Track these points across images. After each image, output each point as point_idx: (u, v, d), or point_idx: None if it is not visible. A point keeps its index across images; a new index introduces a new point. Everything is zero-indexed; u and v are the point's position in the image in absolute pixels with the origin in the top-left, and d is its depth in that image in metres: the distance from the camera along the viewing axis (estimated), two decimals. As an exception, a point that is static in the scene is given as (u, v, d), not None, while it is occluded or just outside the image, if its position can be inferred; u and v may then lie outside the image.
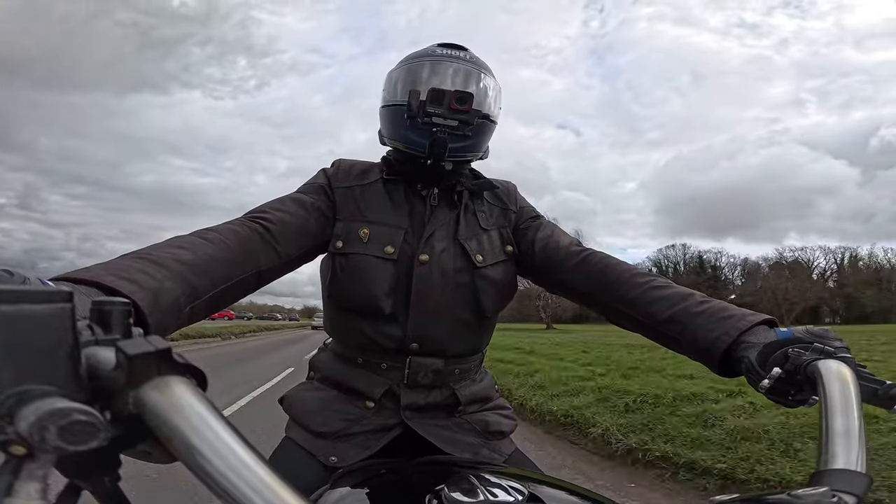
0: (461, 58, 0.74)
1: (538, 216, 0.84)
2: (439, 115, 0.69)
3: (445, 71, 0.73)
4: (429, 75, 0.73)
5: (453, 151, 0.72)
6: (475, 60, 0.76)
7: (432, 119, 0.69)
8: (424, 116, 0.69)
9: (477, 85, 0.74)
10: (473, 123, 0.71)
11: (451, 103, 0.69)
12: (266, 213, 0.67)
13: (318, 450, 0.70)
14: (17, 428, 0.20)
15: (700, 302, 0.61)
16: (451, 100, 0.69)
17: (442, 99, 0.69)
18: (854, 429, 0.38)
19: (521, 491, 0.44)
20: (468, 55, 0.76)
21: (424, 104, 0.69)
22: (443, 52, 0.75)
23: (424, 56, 0.75)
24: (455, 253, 0.74)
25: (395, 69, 0.77)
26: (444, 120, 0.70)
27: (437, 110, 0.69)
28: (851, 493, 0.34)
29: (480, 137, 0.75)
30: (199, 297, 0.52)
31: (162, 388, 0.23)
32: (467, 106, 0.69)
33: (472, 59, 0.75)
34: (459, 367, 0.77)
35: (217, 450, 0.23)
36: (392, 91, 0.76)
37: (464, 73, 0.73)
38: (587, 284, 0.72)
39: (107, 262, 0.46)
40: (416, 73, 0.74)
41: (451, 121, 0.70)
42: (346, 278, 0.71)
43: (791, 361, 0.47)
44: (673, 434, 3.11)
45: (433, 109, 0.69)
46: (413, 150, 0.73)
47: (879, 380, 0.44)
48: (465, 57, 0.75)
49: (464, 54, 0.75)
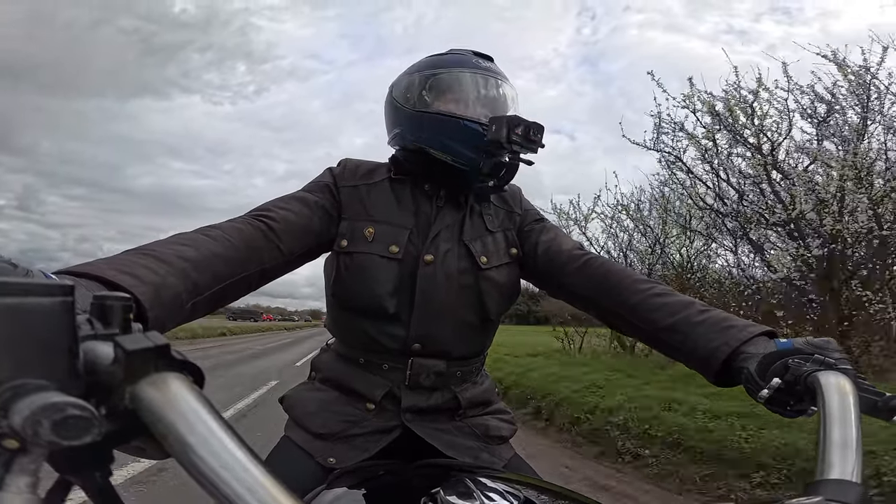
0: (502, 76, 0.77)
1: (542, 219, 0.84)
2: (519, 143, 0.69)
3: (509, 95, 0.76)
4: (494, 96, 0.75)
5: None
6: (507, 78, 0.78)
7: (512, 147, 0.69)
8: (509, 144, 0.69)
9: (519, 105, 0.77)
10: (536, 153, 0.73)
11: (529, 134, 0.69)
12: (270, 212, 0.67)
13: (316, 451, 0.70)
14: (11, 422, 0.20)
15: (701, 311, 0.61)
16: (528, 131, 0.69)
17: (521, 129, 0.69)
18: (851, 440, 0.38)
19: (517, 496, 0.43)
20: (500, 70, 0.78)
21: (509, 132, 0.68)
22: (486, 66, 0.76)
23: (469, 66, 0.75)
24: (460, 254, 0.74)
25: (436, 73, 0.75)
26: (522, 151, 0.71)
27: (517, 139, 0.69)
28: (846, 502, 0.34)
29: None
30: (201, 293, 0.52)
31: (159, 385, 0.23)
32: (539, 137, 0.71)
33: (507, 78, 0.78)
34: (461, 370, 0.76)
35: (212, 448, 0.23)
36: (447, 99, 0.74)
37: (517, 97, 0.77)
38: (588, 289, 0.72)
39: (110, 257, 0.46)
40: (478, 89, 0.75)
41: (530, 153, 0.72)
42: (350, 277, 0.71)
43: (791, 372, 0.47)
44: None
45: (516, 139, 0.69)
46: (464, 164, 0.72)
47: (879, 391, 0.44)
48: (503, 75, 0.77)
49: (498, 69, 0.78)
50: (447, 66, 0.76)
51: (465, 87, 0.74)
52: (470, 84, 0.75)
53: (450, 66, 0.76)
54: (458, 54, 0.78)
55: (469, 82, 0.75)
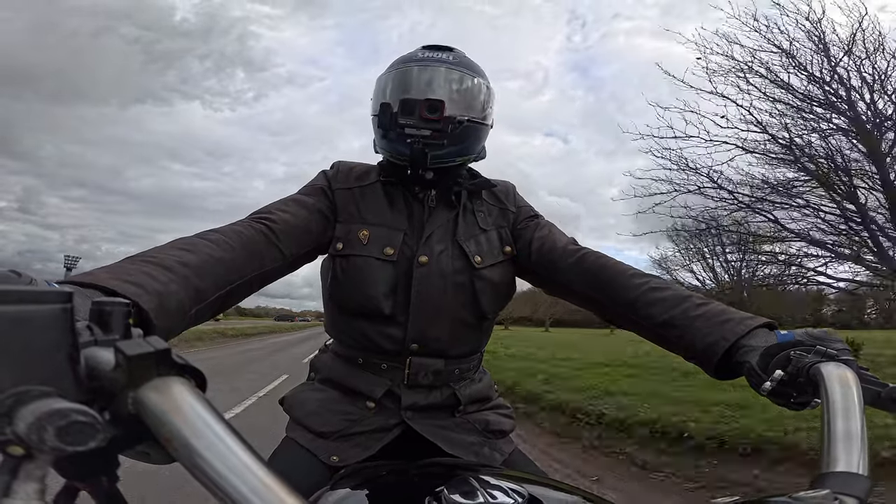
0: (444, 60, 0.73)
1: (536, 216, 0.83)
2: (411, 125, 0.68)
3: (420, 78, 0.71)
4: (404, 84, 0.72)
5: (436, 159, 0.71)
6: (460, 62, 0.74)
7: (405, 130, 0.68)
8: (397, 128, 0.69)
9: (457, 88, 0.72)
10: (448, 131, 0.70)
11: (422, 112, 0.68)
12: (270, 214, 0.67)
13: (318, 449, 0.70)
14: (16, 428, 0.20)
15: (698, 304, 0.61)
16: (421, 109, 0.68)
17: (413, 109, 0.68)
18: (855, 431, 0.38)
19: (521, 493, 0.44)
20: (452, 56, 0.74)
21: (396, 116, 0.68)
22: (425, 56, 0.73)
23: (407, 61, 0.74)
24: (454, 254, 0.74)
25: (380, 75, 0.77)
26: (416, 130, 0.68)
27: (408, 121, 0.68)
28: (853, 495, 0.34)
29: (466, 141, 0.73)
30: (205, 299, 0.52)
31: (161, 389, 0.23)
32: (438, 114, 0.68)
33: (457, 61, 0.73)
34: (459, 368, 0.77)
35: (216, 451, 0.23)
36: (375, 100, 0.75)
37: (442, 77, 0.71)
38: (584, 284, 0.71)
39: (111, 266, 0.46)
40: (394, 82, 0.73)
41: (424, 130, 0.69)
42: (346, 280, 0.71)
43: (793, 364, 0.47)
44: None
45: (404, 121, 0.68)
46: (398, 159, 0.73)
47: (882, 382, 0.44)
48: (448, 59, 0.73)
49: (448, 56, 0.74)
50: (391, 67, 0.76)
51: (393, 84, 0.73)
52: (398, 79, 0.73)
53: (392, 67, 0.75)
54: (411, 52, 0.76)
55: (398, 78, 0.73)
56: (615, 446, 3.32)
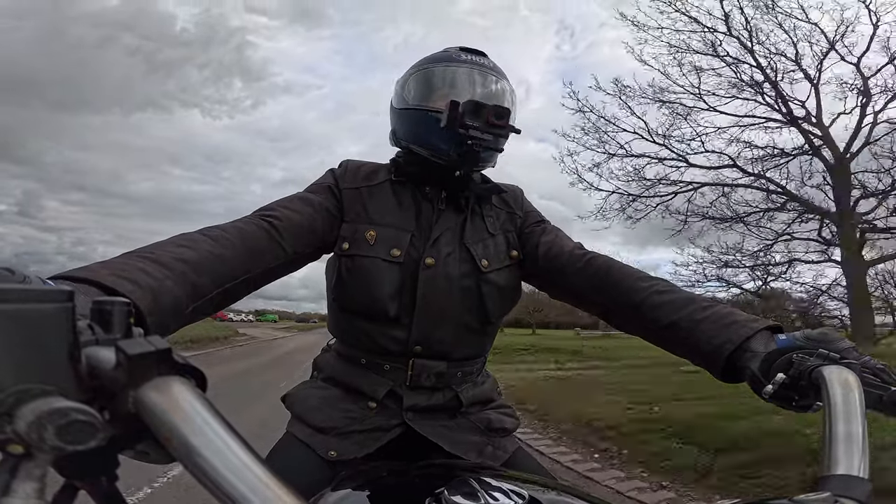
0: (488, 67, 0.75)
1: (543, 220, 0.83)
2: (477, 128, 0.68)
3: (480, 82, 0.73)
4: (464, 84, 0.73)
5: (480, 162, 0.74)
6: (500, 70, 0.76)
7: (469, 132, 0.68)
8: (461, 128, 0.68)
9: (511, 98, 0.75)
10: (505, 138, 0.72)
11: (489, 118, 0.68)
12: (275, 211, 0.67)
13: (317, 444, 0.70)
14: (16, 427, 0.20)
15: (703, 307, 0.61)
16: (489, 114, 0.68)
17: (480, 112, 0.68)
18: (857, 434, 0.38)
19: (522, 495, 0.43)
20: (491, 63, 0.76)
21: (462, 115, 0.68)
22: (468, 59, 0.75)
23: (450, 60, 0.75)
24: (461, 257, 0.74)
25: (418, 70, 0.77)
26: (480, 134, 0.69)
27: (475, 123, 0.68)
28: (853, 498, 0.34)
29: (503, 148, 0.77)
30: (203, 295, 0.52)
31: (161, 388, 0.23)
32: (504, 121, 0.69)
33: (497, 69, 0.76)
34: (462, 370, 0.76)
35: (216, 450, 0.23)
36: (419, 94, 0.75)
37: (500, 86, 0.74)
38: (590, 289, 0.71)
39: (107, 261, 0.46)
40: (449, 79, 0.74)
41: (488, 135, 0.69)
42: (351, 280, 0.71)
43: (795, 367, 0.46)
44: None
45: (471, 122, 0.68)
46: (438, 157, 0.73)
47: (884, 385, 0.44)
48: (491, 66, 0.75)
49: (488, 62, 0.76)
50: (429, 62, 0.76)
51: (438, 80, 0.74)
52: (444, 77, 0.74)
53: (431, 63, 0.76)
54: (445, 51, 0.78)
55: (443, 75, 0.74)
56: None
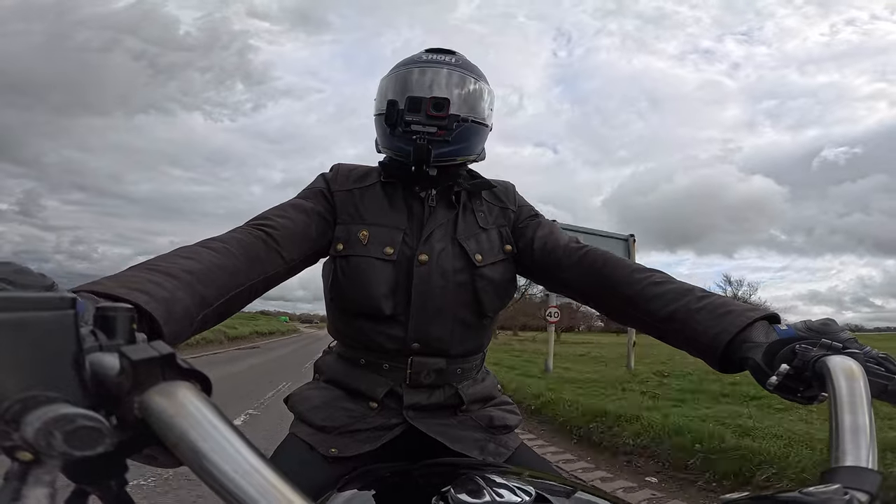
0: (447, 62, 0.75)
1: (537, 215, 0.83)
2: (417, 122, 0.71)
3: (426, 77, 0.74)
4: (409, 83, 0.74)
5: (438, 157, 0.73)
6: (462, 64, 0.76)
7: (411, 126, 0.71)
8: (403, 125, 0.71)
9: (460, 88, 0.74)
10: (452, 128, 0.72)
11: (428, 109, 0.70)
12: (269, 220, 0.67)
13: (319, 443, 0.71)
14: (24, 434, 0.20)
15: (699, 298, 0.60)
16: (427, 106, 0.70)
17: (419, 106, 0.70)
18: (863, 425, 0.38)
19: (528, 491, 0.43)
20: (455, 59, 0.76)
21: (402, 112, 0.71)
22: (429, 58, 0.76)
23: (410, 63, 0.76)
24: (454, 253, 0.74)
25: (384, 77, 0.79)
26: (422, 127, 0.71)
27: (414, 118, 0.71)
28: (863, 490, 0.33)
29: (468, 141, 0.75)
30: (210, 304, 0.53)
31: (167, 393, 0.24)
32: (444, 112, 0.70)
33: (459, 63, 0.76)
34: (461, 367, 0.77)
35: (224, 454, 0.23)
36: (379, 100, 0.77)
37: (445, 78, 0.74)
38: (586, 282, 0.72)
39: (116, 275, 0.46)
40: (399, 82, 0.75)
41: (430, 127, 0.71)
42: (347, 280, 0.72)
43: (799, 358, 0.46)
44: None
45: (411, 117, 0.70)
46: (400, 157, 0.74)
47: (889, 374, 0.44)
48: (451, 61, 0.75)
49: (451, 58, 0.76)
50: (395, 68, 0.77)
51: (398, 83, 0.75)
52: (397, 80, 0.75)
53: (395, 68, 0.77)
54: (414, 54, 0.78)
55: (403, 77, 0.75)
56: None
